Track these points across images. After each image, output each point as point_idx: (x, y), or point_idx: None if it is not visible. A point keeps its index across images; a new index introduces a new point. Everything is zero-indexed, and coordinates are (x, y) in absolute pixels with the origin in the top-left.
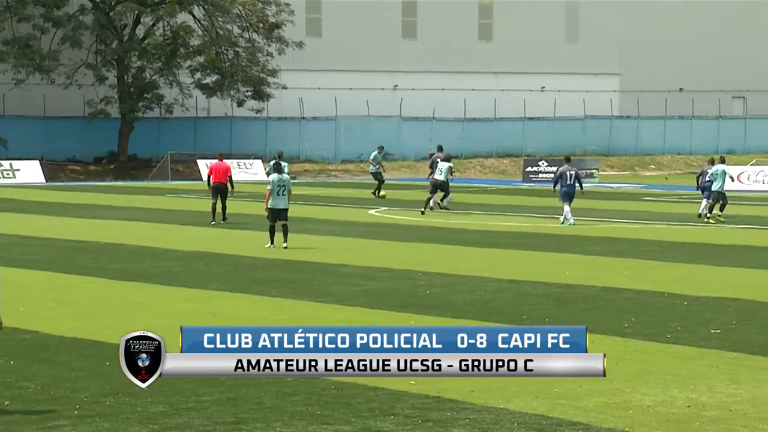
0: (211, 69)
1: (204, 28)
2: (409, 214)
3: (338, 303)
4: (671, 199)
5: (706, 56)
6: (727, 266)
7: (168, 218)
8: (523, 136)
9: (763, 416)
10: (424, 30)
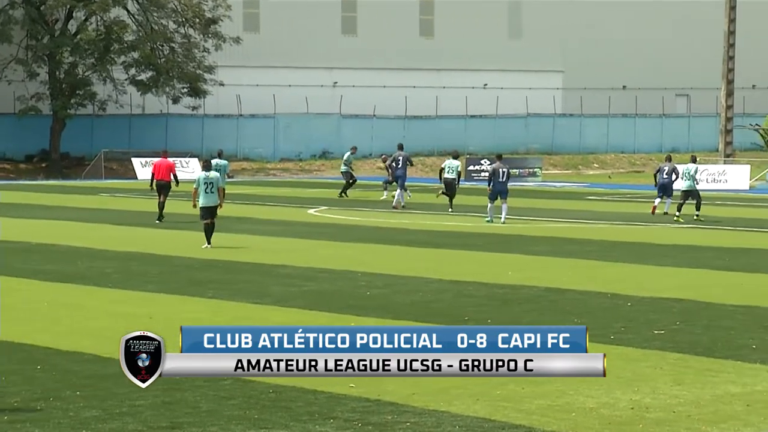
0: (145, 65)
1: (138, 23)
2: (349, 214)
3: (277, 304)
4: (615, 198)
5: (650, 54)
6: (671, 266)
7: (101, 218)
8: (465, 134)
9: (707, 418)
10: (365, 26)
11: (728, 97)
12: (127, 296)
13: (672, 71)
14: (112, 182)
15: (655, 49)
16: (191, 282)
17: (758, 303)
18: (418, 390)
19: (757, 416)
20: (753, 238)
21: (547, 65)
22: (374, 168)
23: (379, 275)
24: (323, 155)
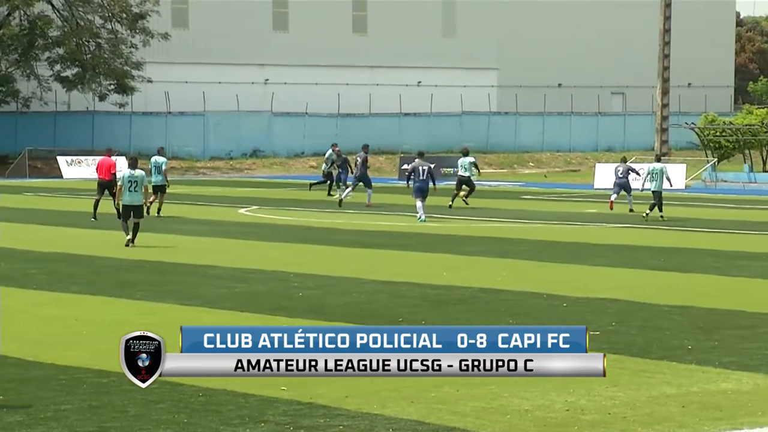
0: (71, 61)
1: (63, 19)
2: (281, 214)
3: (206, 306)
4: (550, 197)
5: (585, 52)
6: (607, 266)
7: (25, 218)
8: (399, 133)
9: (642, 419)
10: (296, 22)
11: (664, 95)
12: (51, 298)
13: (607, 69)
14: (37, 181)
15: (591, 47)
16: (118, 283)
17: (693, 303)
18: (351, 393)
19: (692, 417)
20: (689, 238)
21: (481, 63)
22: (307, 167)
23: (312, 276)
24: (254, 154)
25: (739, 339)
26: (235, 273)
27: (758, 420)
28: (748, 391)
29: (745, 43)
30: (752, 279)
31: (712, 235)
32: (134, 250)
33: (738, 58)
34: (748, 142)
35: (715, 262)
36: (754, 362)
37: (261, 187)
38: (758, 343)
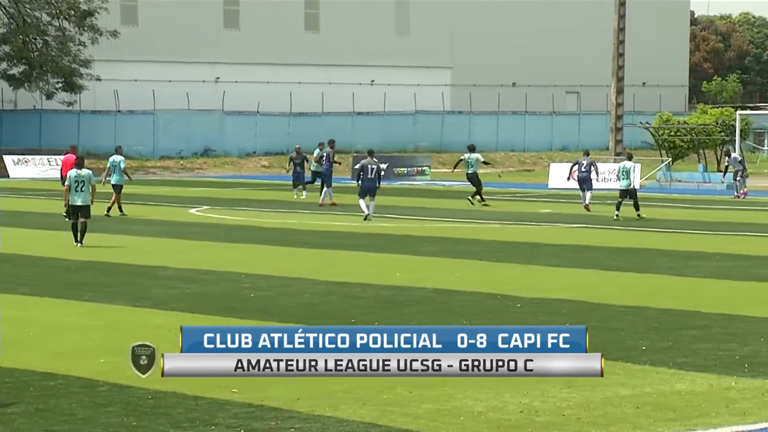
0: (18, 59)
1: (9, 15)
2: (232, 214)
3: (157, 307)
4: (505, 197)
5: (540, 51)
6: (562, 267)
7: None
8: (352, 132)
9: (596, 421)
10: (247, 19)
11: (618, 94)
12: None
13: (562, 68)
14: None
15: (545, 46)
16: (67, 284)
17: (648, 304)
18: (302, 395)
19: (646, 418)
20: (643, 238)
21: (435, 61)
22: (258, 166)
23: (263, 277)
24: (205, 153)
25: (693, 339)
26: (186, 274)
27: (712, 421)
28: (701, 391)
29: (699, 43)
30: (706, 279)
31: (666, 235)
32: (83, 251)
33: (692, 58)
34: (702, 142)
35: (670, 263)
36: (707, 363)
37: (212, 187)
38: (712, 344)
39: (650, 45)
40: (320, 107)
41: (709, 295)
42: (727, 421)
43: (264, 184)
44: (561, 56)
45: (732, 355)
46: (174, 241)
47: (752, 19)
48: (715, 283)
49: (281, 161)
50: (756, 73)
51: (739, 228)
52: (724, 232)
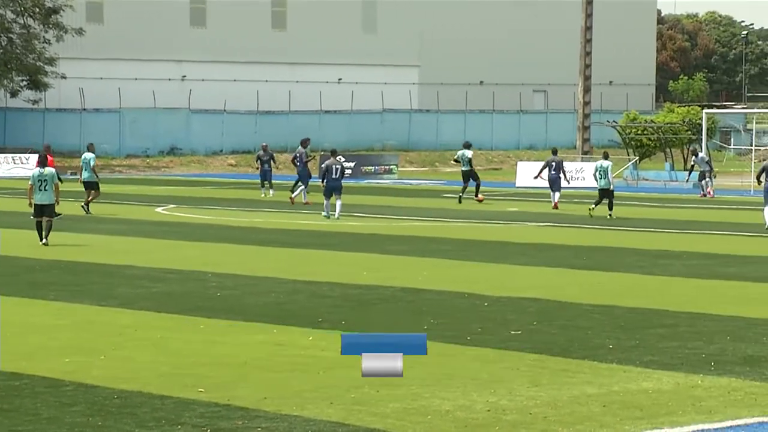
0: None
1: None
2: (199, 212)
3: (123, 306)
4: (472, 196)
5: (507, 49)
6: (529, 265)
7: None
8: (320, 130)
9: (563, 419)
10: (214, 17)
11: (585, 93)
12: None
13: (529, 67)
14: None
15: (513, 45)
16: (32, 284)
17: (615, 302)
18: (269, 394)
19: (613, 417)
20: (612, 237)
21: (402, 60)
22: (225, 165)
23: (230, 276)
24: (171, 151)
25: (660, 338)
26: (153, 273)
27: (678, 419)
28: (668, 390)
29: (666, 41)
30: (674, 278)
31: (634, 233)
32: (48, 250)
33: (659, 56)
34: (669, 141)
35: (638, 261)
36: (674, 361)
37: (179, 186)
38: (679, 342)
39: (617, 44)
40: (287, 105)
41: (676, 294)
42: (693, 419)
43: (231, 182)
44: (528, 55)
45: (698, 353)
46: (140, 240)
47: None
48: (682, 281)
49: (248, 160)
50: (722, 72)
51: (706, 227)
52: (691, 230)
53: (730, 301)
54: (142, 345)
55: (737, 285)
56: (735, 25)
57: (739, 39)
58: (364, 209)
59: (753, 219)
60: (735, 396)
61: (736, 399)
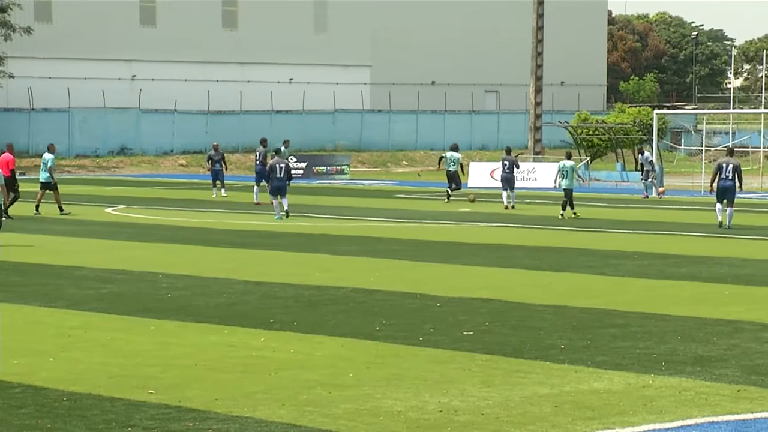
0: None
1: None
2: (150, 213)
3: (72, 308)
4: (424, 196)
5: (459, 49)
6: (481, 266)
7: None
8: (271, 130)
9: (515, 420)
10: (164, 16)
11: (537, 93)
12: None
13: (481, 67)
14: None
15: (465, 45)
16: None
17: (567, 303)
18: (221, 395)
19: (565, 417)
20: (564, 237)
21: (354, 60)
22: (176, 165)
23: (181, 277)
24: (121, 151)
25: (612, 338)
26: (102, 274)
27: (630, 419)
28: (619, 390)
29: (617, 42)
30: (625, 278)
31: (586, 234)
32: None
33: (610, 57)
34: (620, 141)
35: (589, 261)
36: (626, 361)
37: (129, 186)
38: (630, 342)
39: (568, 44)
40: (238, 105)
41: (627, 294)
42: (644, 419)
43: (181, 182)
44: (480, 55)
45: (650, 353)
46: (90, 241)
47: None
48: (633, 281)
49: (199, 160)
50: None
51: (657, 227)
52: (642, 231)
53: (680, 301)
54: (91, 347)
55: (688, 285)
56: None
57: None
58: (316, 210)
59: (704, 219)
60: (686, 396)
61: (686, 399)
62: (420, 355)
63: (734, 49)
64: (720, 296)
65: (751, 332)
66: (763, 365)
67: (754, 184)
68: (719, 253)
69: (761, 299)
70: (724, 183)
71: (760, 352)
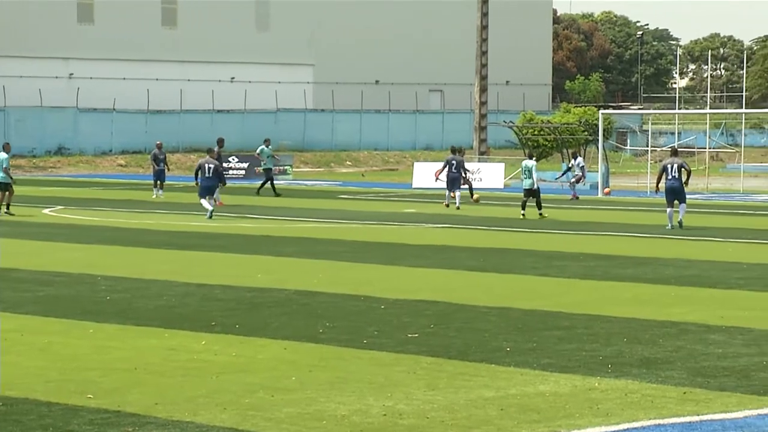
0: None
1: None
2: (88, 214)
3: (8, 311)
4: (368, 197)
5: (403, 48)
6: (425, 267)
7: None
8: (212, 130)
9: (460, 423)
10: (102, 14)
11: (482, 93)
12: None
13: (426, 66)
14: None
15: (409, 44)
16: None
17: (512, 304)
18: (161, 399)
19: (510, 420)
20: (508, 238)
21: (297, 59)
22: (115, 165)
23: (120, 279)
24: (59, 151)
25: (557, 340)
26: (39, 276)
27: (576, 422)
28: (565, 393)
29: (562, 41)
30: (570, 279)
31: (530, 235)
32: None
33: (555, 56)
34: (566, 141)
35: (533, 263)
36: (572, 364)
37: (66, 186)
38: (576, 344)
39: (514, 43)
40: (179, 105)
41: (573, 295)
42: (590, 422)
43: (121, 183)
44: (424, 54)
45: (596, 355)
46: (26, 243)
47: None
48: (579, 283)
49: (138, 160)
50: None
51: (602, 228)
52: (587, 231)
53: (626, 302)
54: (28, 350)
55: (633, 286)
56: (630, 25)
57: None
58: (257, 210)
59: (649, 220)
60: (632, 398)
61: (633, 401)
62: (364, 358)
63: (679, 49)
64: (665, 297)
65: (696, 334)
66: (708, 367)
67: (700, 185)
68: (664, 255)
69: (706, 300)
70: (672, 183)
71: (705, 354)
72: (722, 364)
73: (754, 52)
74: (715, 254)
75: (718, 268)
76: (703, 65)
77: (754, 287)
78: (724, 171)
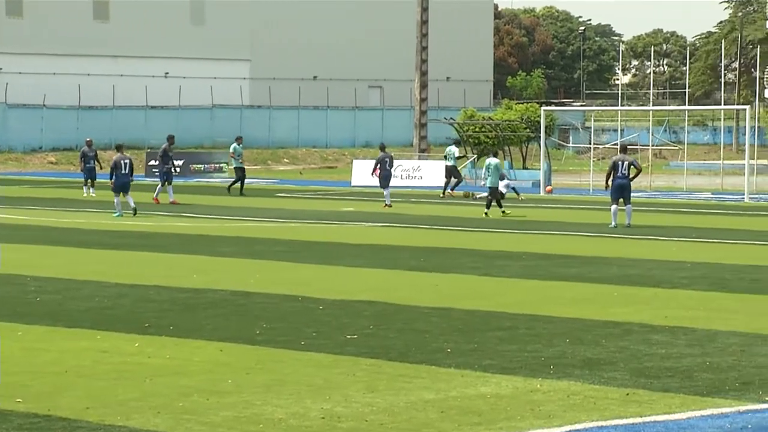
0: None
1: None
2: (17, 213)
3: None
4: (306, 195)
5: (342, 44)
6: (365, 267)
7: None
8: (146, 126)
9: (400, 426)
10: (31, 7)
11: (422, 89)
12: None
13: (365, 62)
14: None
15: (347, 39)
16: None
17: (453, 305)
18: (93, 403)
19: (451, 423)
20: (449, 238)
21: (232, 54)
22: (45, 163)
23: (51, 280)
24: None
25: (499, 341)
26: None
27: (517, 424)
28: (507, 394)
29: (503, 37)
30: (512, 279)
31: (471, 234)
32: None
33: (497, 52)
34: (507, 138)
35: (475, 263)
36: (513, 365)
37: None
38: (518, 345)
39: (454, 39)
40: (111, 100)
41: (514, 296)
42: (532, 424)
43: (51, 181)
44: (363, 50)
45: (538, 356)
46: None
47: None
48: (520, 282)
49: (69, 157)
50: (560, 69)
51: (544, 226)
52: (529, 230)
53: (568, 302)
54: None
55: (576, 286)
56: (572, 21)
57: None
58: (193, 209)
59: (593, 218)
60: (574, 400)
61: (575, 403)
62: (302, 359)
63: (622, 45)
64: (608, 297)
65: (639, 334)
66: (651, 368)
67: (644, 183)
68: (608, 254)
69: (649, 300)
70: (621, 181)
71: (648, 355)
72: (666, 364)
73: (697, 48)
74: (658, 253)
75: (662, 267)
76: (646, 61)
77: (698, 287)
78: (668, 168)
